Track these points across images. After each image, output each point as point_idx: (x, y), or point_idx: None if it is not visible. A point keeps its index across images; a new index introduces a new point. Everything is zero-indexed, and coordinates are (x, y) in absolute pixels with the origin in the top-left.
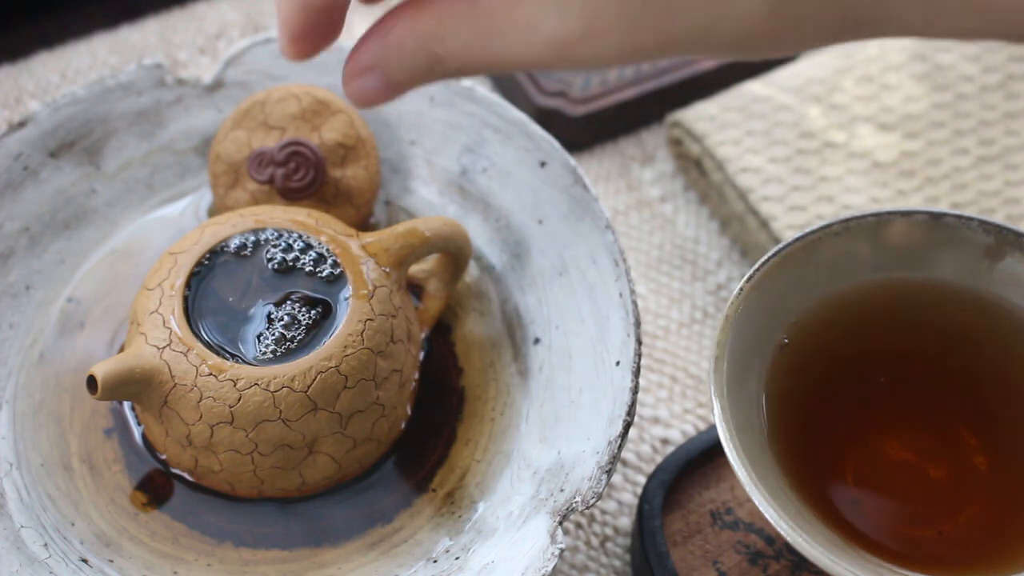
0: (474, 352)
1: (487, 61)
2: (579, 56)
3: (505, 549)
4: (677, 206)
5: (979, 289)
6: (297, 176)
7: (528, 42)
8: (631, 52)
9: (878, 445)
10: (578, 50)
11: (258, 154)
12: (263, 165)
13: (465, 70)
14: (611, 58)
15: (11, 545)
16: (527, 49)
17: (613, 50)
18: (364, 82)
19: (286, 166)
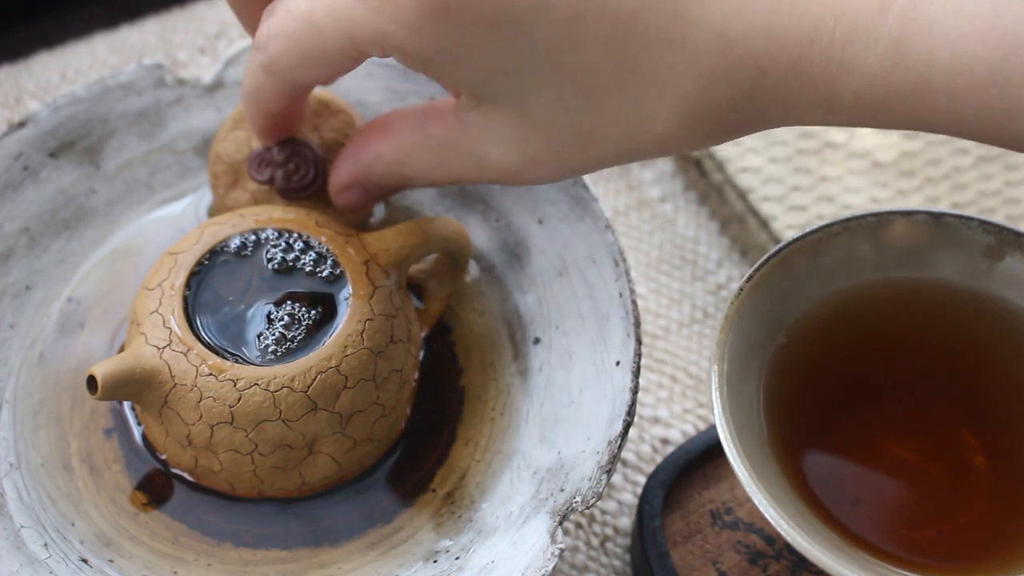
0: (474, 352)
1: (450, 180)
2: (525, 180)
3: (505, 549)
4: (677, 206)
5: (979, 289)
6: (297, 176)
7: (479, 168)
8: (568, 174)
9: (878, 445)
10: (523, 176)
11: (258, 154)
12: (263, 165)
13: (433, 184)
14: (552, 179)
15: (11, 545)
16: (480, 174)
17: (553, 175)
18: (348, 196)
19: (286, 166)
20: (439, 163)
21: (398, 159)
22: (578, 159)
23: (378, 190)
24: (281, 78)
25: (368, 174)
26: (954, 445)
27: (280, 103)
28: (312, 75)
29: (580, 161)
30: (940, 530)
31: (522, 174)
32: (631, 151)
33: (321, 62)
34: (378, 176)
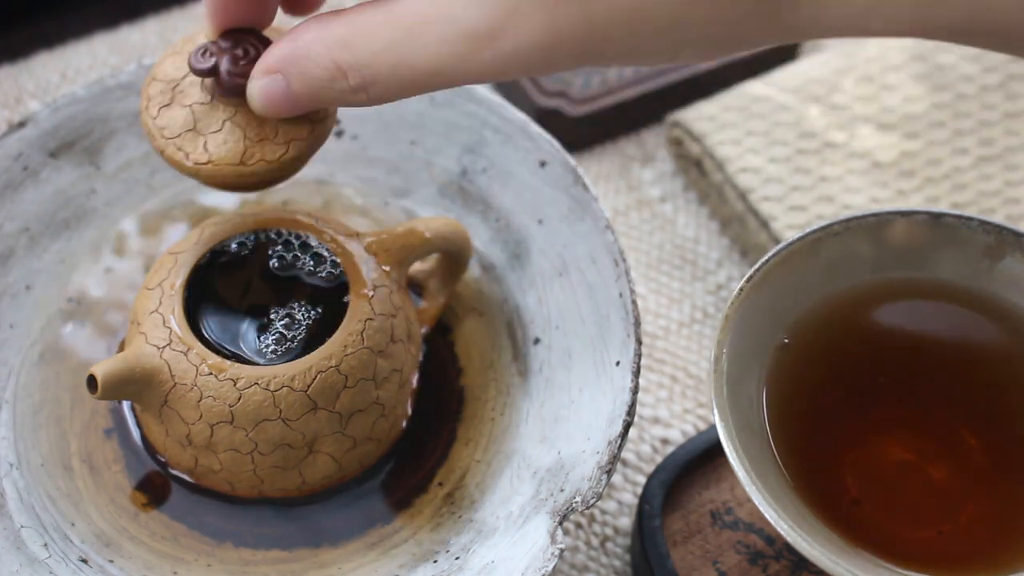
0: (474, 352)
1: (396, 69)
2: (500, 51)
3: (505, 549)
4: (677, 206)
5: (979, 289)
6: (246, 60)
7: (443, 39)
8: (554, 42)
9: (878, 445)
10: (499, 43)
11: (201, 46)
12: (206, 54)
13: (369, 86)
14: (533, 54)
15: (11, 545)
16: (441, 48)
17: (536, 40)
18: (265, 83)
19: (233, 51)
20: (392, 41)
21: (342, 38)
22: (573, 13)
23: (299, 85)
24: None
25: (301, 57)
26: (954, 445)
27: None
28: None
29: (571, 20)
30: (940, 530)
31: (497, 39)
32: (636, 7)
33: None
34: (310, 62)
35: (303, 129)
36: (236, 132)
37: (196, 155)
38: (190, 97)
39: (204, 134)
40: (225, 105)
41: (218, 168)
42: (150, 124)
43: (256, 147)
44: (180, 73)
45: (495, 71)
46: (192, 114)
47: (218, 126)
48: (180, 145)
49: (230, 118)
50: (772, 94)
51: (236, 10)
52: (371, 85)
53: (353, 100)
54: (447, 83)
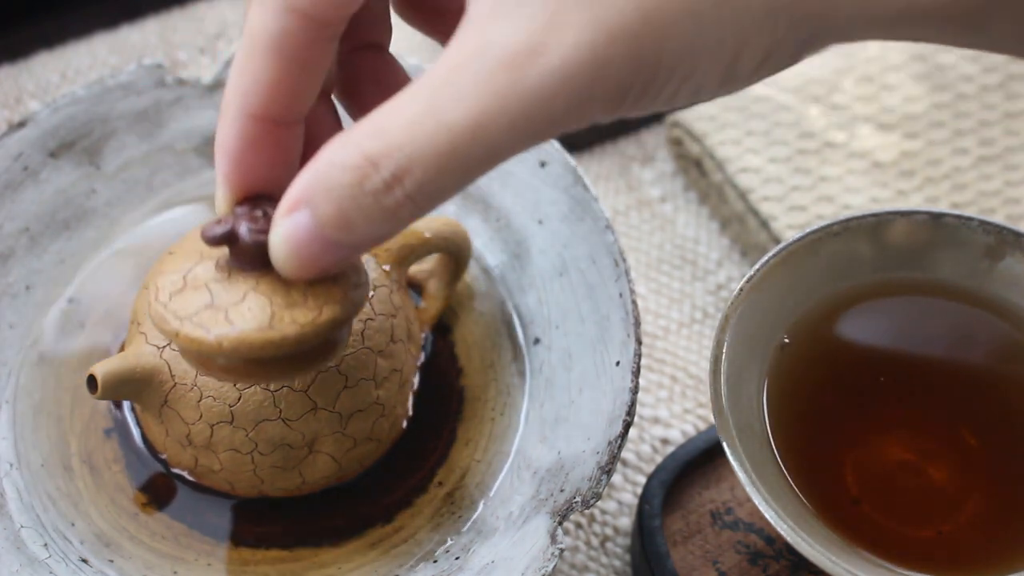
0: (474, 352)
1: (432, 140)
2: (547, 68)
3: (505, 549)
4: (677, 206)
5: (979, 289)
6: (266, 220)
7: (479, 77)
8: (606, 41)
9: (878, 445)
10: (544, 58)
11: (213, 220)
12: (220, 223)
13: (405, 174)
14: (585, 65)
15: (11, 545)
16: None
17: (585, 43)
18: (287, 225)
19: (251, 214)
20: (426, 105)
21: (369, 129)
22: (621, 6)
23: (334, 208)
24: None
25: (325, 171)
26: (954, 445)
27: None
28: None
29: (623, 5)
30: (940, 530)
31: (542, 51)
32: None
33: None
34: (338, 166)
35: (335, 294)
36: (261, 299)
37: (218, 328)
38: (204, 279)
39: (224, 308)
40: (245, 278)
41: (243, 336)
42: (161, 310)
43: (285, 311)
44: (191, 263)
45: (543, 104)
46: (209, 292)
47: (240, 297)
48: (198, 322)
49: (252, 289)
50: (772, 94)
51: (255, 170)
52: (407, 173)
53: (389, 204)
54: (492, 143)
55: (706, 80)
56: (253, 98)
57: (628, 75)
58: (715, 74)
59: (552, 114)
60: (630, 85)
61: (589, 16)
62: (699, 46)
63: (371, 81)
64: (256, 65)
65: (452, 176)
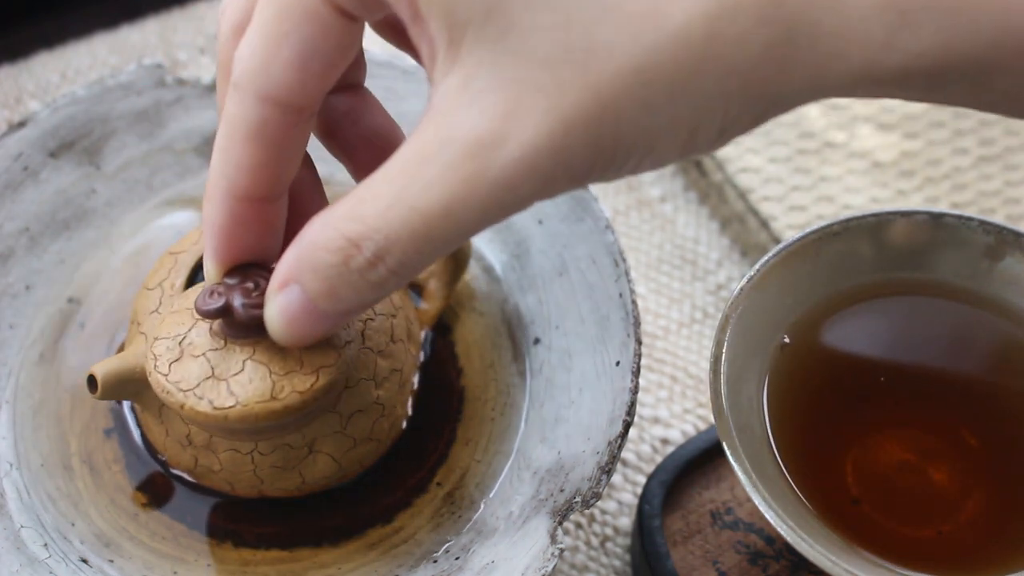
0: (474, 352)
1: (407, 224)
2: (509, 158)
3: (505, 549)
4: (677, 206)
5: (979, 289)
6: (257, 292)
7: (446, 167)
8: (564, 129)
9: (878, 445)
10: (506, 148)
11: (206, 291)
12: (213, 296)
13: (385, 254)
14: (544, 153)
15: (11, 545)
16: (446, 177)
17: (544, 131)
18: (280, 301)
19: (242, 285)
20: (399, 191)
21: (348, 212)
22: (577, 92)
23: (323, 285)
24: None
25: (310, 251)
26: (954, 445)
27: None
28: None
29: (579, 97)
30: (940, 530)
31: (503, 141)
32: (642, 69)
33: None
34: (322, 248)
35: (329, 356)
36: (260, 369)
37: (220, 400)
38: (200, 347)
39: (225, 378)
40: (241, 346)
41: (248, 408)
42: (163, 382)
43: (284, 380)
44: (184, 328)
45: (510, 189)
46: (208, 362)
47: (239, 367)
48: (201, 395)
49: (249, 357)
50: None
51: (243, 243)
52: (387, 252)
53: (374, 279)
54: (463, 223)
55: (666, 154)
56: (237, 182)
57: (588, 157)
58: (673, 149)
59: (518, 196)
60: (592, 165)
61: (546, 105)
62: (655, 129)
63: (349, 121)
64: (237, 152)
65: (429, 252)
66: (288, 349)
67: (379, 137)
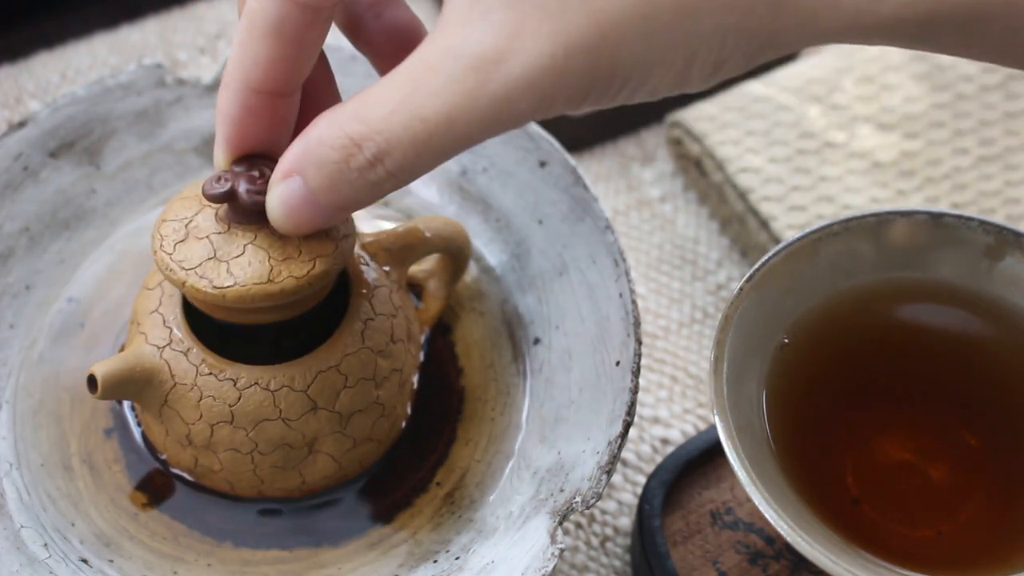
0: (474, 352)
1: (408, 128)
2: (510, 75)
3: (505, 549)
4: (677, 206)
5: (979, 289)
6: (262, 180)
7: (450, 79)
8: (564, 54)
9: (878, 445)
10: (508, 65)
11: (214, 176)
12: (220, 181)
13: (385, 156)
14: (545, 73)
15: (11, 545)
16: (450, 88)
17: (546, 53)
18: (282, 190)
19: (248, 173)
20: (404, 98)
21: (352, 112)
22: (579, 19)
23: (318, 179)
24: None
25: (314, 146)
26: (954, 445)
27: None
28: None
29: (581, 25)
30: (940, 530)
31: (507, 58)
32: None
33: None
34: (325, 144)
35: (327, 246)
36: (259, 253)
37: (220, 280)
38: (205, 230)
39: (226, 260)
40: (244, 231)
41: (245, 289)
42: (167, 260)
43: (282, 265)
44: (192, 211)
45: (509, 104)
46: (211, 244)
47: (240, 251)
48: (202, 273)
49: (251, 242)
50: (772, 94)
51: (253, 133)
52: (387, 154)
53: (373, 179)
54: (463, 134)
55: (660, 85)
56: (253, 75)
57: (586, 82)
58: (668, 81)
59: (516, 112)
60: (588, 89)
61: (549, 29)
62: (652, 60)
63: (372, 15)
64: (255, 47)
65: (427, 158)
66: (287, 238)
67: (402, 31)
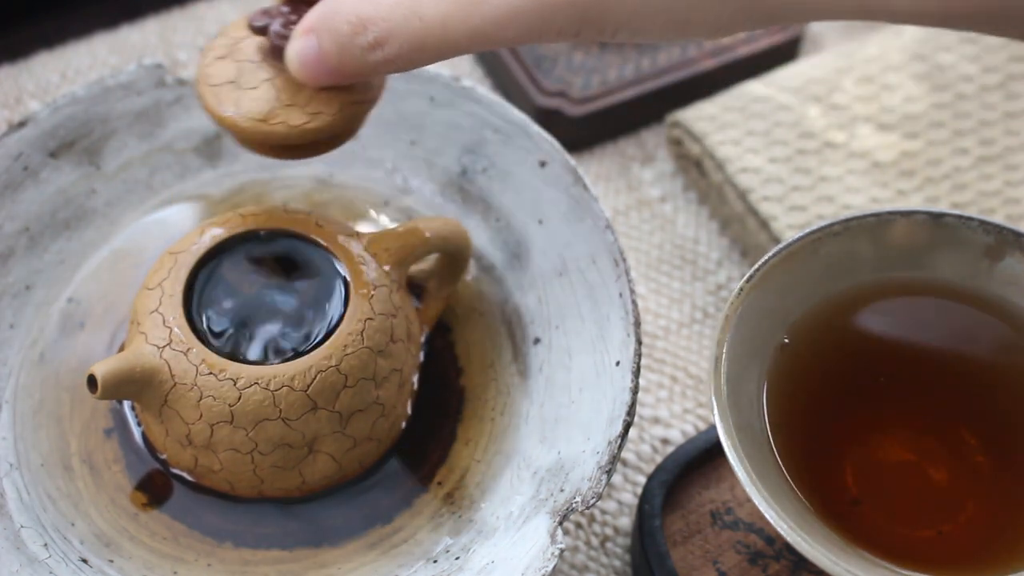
0: (474, 352)
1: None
2: (500, 3)
3: (505, 549)
4: (677, 206)
5: (979, 289)
6: (293, 26)
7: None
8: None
9: (878, 445)
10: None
11: (264, 9)
12: (264, 15)
13: (384, 42)
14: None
15: (11, 545)
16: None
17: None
18: (299, 45)
19: (287, 16)
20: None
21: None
22: None
23: (333, 44)
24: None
25: (331, 14)
26: (954, 445)
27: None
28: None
29: None
30: (940, 530)
31: None
32: None
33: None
34: (340, 15)
35: (333, 105)
36: (270, 92)
37: (224, 106)
38: (244, 54)
39: (242, 88)
40: (271, 67)
41: (240, 121)
42: (202, 69)
43: (282, 110)
44: (242, 35)
45: (497, 27)
46: (238, 69)
47: (256, 84)
48: (217, 93)
49: (270, 79)
50: (772, 94)
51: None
52: (386, 42)
53: (372, 60)
54: (454, 40)
55: (659, 36)
56: None
57: (575, 24)
58: (667, 34)
59: (504, 36)
60: (579, 29)
61: None
62: (644, 13)
63: None
64: None
65: (422, 54)
66: (304, 87)
67: None
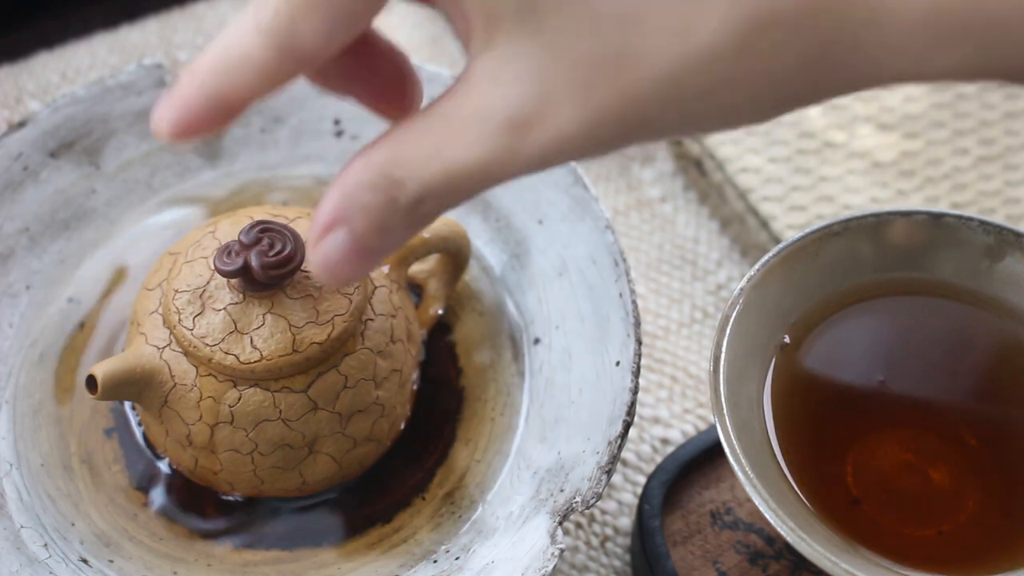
0: (474, 352)
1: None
2: (542, 140)
3: (505, 549)
4: (677, 206)
5: (979, 289)
6: (274, 252)
7: (483, 135)
8: (594, 122)
9: (878, 445)
10: (538, 132)
11: (223, 249)
12: (231, 256)
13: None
14: (577, 139)
15: (11, 545)
16: (484, 144)
17: (575, 122)
18: (327, 245)
19: (258, 245)
20: (439, 145)
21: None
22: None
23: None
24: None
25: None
26: (954, 445)
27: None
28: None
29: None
30: (940, 530)
31: (536, 125)
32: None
33: None
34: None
35: (341, 302)
36: (279, 323)
37: (246, 355)
38: (221, 301)
39: (247, 332)
40: (259, 300)
41: (272, 362)
42: (189, 336)
43: (303, 332)
44: (201, 280)
45: (542, 160)
46: (229, 316)
47: (259, 322)
48: (227, 349)
49: (268, 311)
50: None
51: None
52: (428, 196)
53: (416, 217)
54: (499, 179)
55: (701, 132)
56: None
57: (616, 141)
58: (698, 133)
59: (548, 165)
60: (618, 145)
61: (582, 100)
62: (683, 123)
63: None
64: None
65: (462, 196)
66: (302, 300)
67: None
